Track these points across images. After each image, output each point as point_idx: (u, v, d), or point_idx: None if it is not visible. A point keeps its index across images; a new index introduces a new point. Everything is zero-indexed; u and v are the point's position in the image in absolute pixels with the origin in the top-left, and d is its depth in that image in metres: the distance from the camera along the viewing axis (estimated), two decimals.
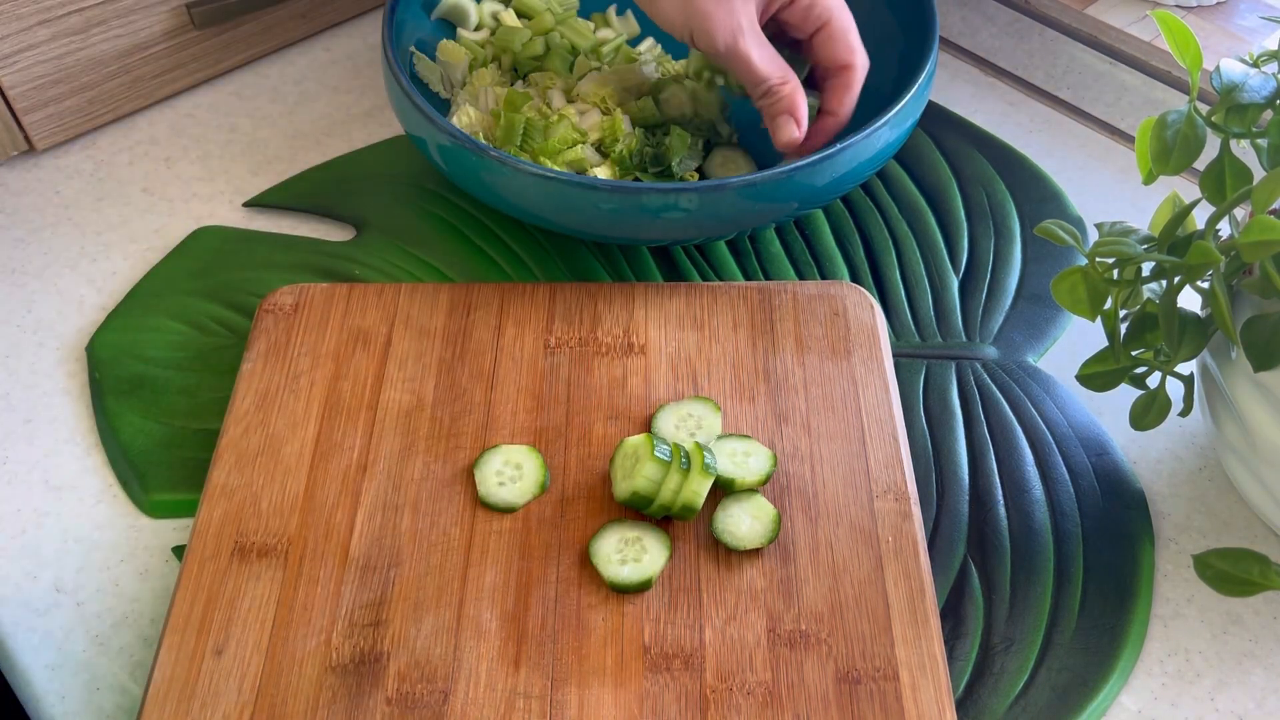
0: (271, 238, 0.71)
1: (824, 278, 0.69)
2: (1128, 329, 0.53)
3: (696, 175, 0.68)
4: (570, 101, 0.70)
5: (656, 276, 0.69)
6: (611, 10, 0.77)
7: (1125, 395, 0.56)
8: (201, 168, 0.75)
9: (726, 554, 0.54)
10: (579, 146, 0.66)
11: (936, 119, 0.79)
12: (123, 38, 0.74)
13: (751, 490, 0.55)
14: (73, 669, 0.53)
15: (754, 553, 0.54)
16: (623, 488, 0.54)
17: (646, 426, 0.59)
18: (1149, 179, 0.53)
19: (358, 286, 0.64)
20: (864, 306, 0.64)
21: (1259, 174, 0.49)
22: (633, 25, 0.78)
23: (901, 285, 0.69)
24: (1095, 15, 0.77)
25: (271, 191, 0.74)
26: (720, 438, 0.57)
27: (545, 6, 0.75)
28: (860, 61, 0.63)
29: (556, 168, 0.65)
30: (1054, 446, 0.61)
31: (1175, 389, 0.56)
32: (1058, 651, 0.54)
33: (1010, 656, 0.54)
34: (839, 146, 0.60)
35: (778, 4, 0.61)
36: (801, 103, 0.61)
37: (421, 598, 0.52)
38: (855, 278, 0.69)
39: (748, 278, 0.69)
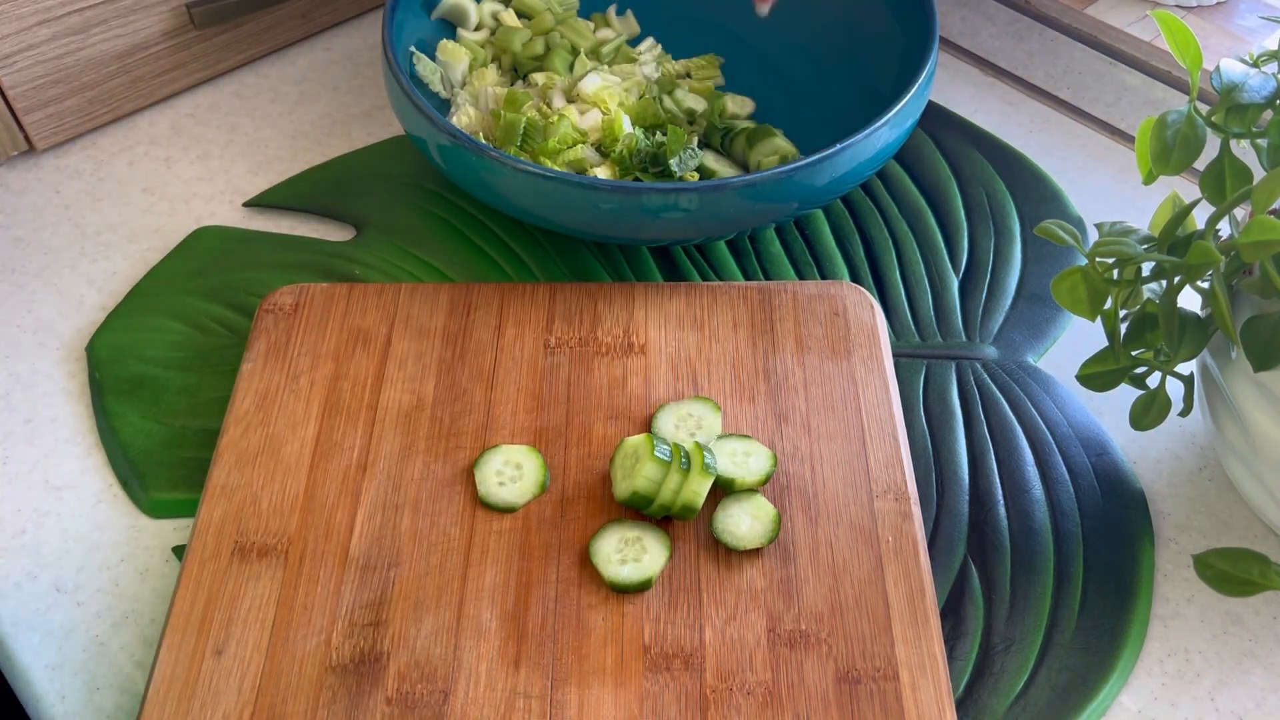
0: (271, 238, 0.71)
1: (824, 278, 0.69)
2: (1128, 329, 0.53)
3: (696, 175, 0.68)
4: (570, 101, 0.70)
5: (656, 276, 0.69)
6: (611, 10, 0.77)
7: (1125, 395, 0.56)
8: (201, 168, 0.75)
9: (726, 554, 0.54)
10: (579, 146, 0.66)
11: (936, 119, 0.79)
12: (123, 38, 0.74)
13: (751, 490, 0.55)
14: (73, 669, 0.53)
15: (754, 553, 0.54)
16: (623, 488, 0.54)
17: (646, 426, 0.59)
18: (1149, 179, 0.53)
19: (358, 286, 0.64)
20: (864, 306, 0.64)
21: (1259, 174, 0.49)
22: (633, 25, 0.78)
23: (901, 285, 0.69)
24: (1095, 15, 0.77)
25: (271, 191, 0.74)
26: (720, 438, 0.57)
27: (545, 6, 0.75)
28: None
29: (556, 168, 0.65)
30: (1054, 446, 0.61)
31: (1175, 389, 0.56)
32: (1058, 651, 0.54)
33: (1010, 656, 0.54)
34: (839, 146, 0.60)
35: None
36: None
37: (421, 598, 0.52)
38: (855, 278, 0.69)
39: (748, 278, 0.69)
